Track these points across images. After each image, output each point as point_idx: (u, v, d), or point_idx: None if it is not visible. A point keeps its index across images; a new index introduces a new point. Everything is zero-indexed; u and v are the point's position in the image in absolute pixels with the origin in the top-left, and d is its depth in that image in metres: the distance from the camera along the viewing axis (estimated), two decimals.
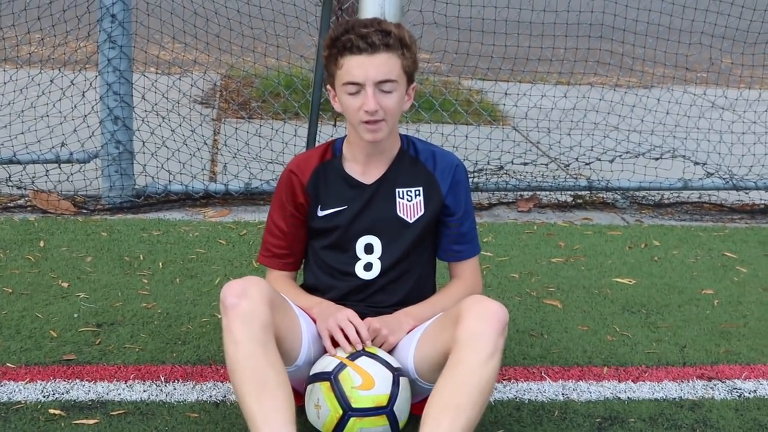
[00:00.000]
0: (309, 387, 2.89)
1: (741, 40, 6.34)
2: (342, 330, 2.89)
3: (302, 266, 3.29)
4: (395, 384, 2.83)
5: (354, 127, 2.98)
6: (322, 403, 2.81)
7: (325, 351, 2.97)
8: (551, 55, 6.31)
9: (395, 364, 2.89)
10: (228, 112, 7.20)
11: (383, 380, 2.82)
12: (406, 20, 5.67)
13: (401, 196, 3.10)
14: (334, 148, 3.14)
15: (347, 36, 2.87)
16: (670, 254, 4.94)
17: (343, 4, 5.80)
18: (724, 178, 5.90)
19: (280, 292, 3.00)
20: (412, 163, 3.12)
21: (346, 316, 2.93)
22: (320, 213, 3.10)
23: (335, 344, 2.91)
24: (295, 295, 3.10)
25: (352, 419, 2.79)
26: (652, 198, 5.92)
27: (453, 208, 3.12)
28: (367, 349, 2.90)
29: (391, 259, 3.09)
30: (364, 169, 3.10)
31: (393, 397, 2.82)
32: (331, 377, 2.82)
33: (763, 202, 5.92)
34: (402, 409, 2.85)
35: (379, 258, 3.09)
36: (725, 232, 5.39)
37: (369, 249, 3.10)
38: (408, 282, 3.13)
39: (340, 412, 2.79)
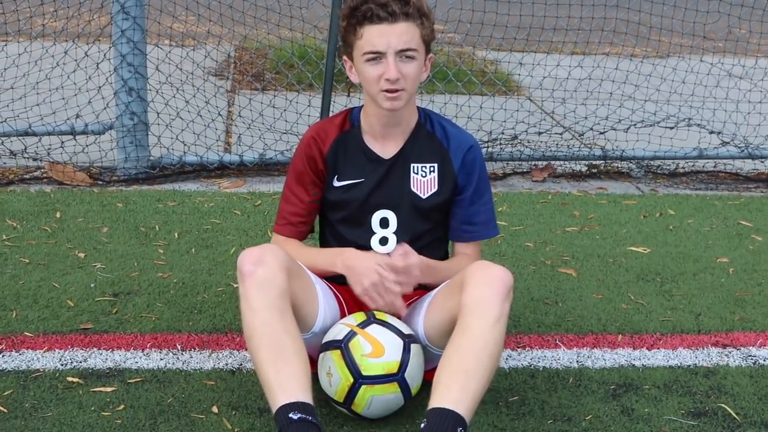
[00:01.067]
0: (321, 355, 2.90)
1: (760, 7, 6.28)
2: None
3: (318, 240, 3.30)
4: (406, 351, 2.84)
5: (373, 96, 2.95)
6: (333, 371, 2.83)
7: (341, 317, 2.99)
8: (566, 24, 6.24)
9: (406, 331, 2.90)
10: (242, 83, 7.20)
11: (394, 347, 2.83)
12: None
13: (416, 171, 3.09)
14: (352, 117, 3.13)
15: (367, 5, 2.84)
16: (685, 223, 4.93)
17: None
18: (739, 147, 5.87)
19: (296, 256, 2.99)
20: (428, 138, 3.11)
21: (377, 275, 2.88)
22: (336, 183, 3.09)
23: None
24: (311, 254, 3.10)
25: (363, 387, 2.80)
26: (668, 167, 5.90)
27: (463, 187, 3.10)
28: (377, 316, 2.91)
29: (407, 235, 3.08)
30: (382, 141, 3.09)
31: (404, 364, 2.83)
32: (341, 345, 2.83)
33: None
34: (414, 375, 2.86)
35: (394, 232, 3.09)
36: (740, 200, 5.38)
37: (384, 223, 3.10)
38: (423, 254, 3.09)
39: (351, 380, 2.80)
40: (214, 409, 2.96)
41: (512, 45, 6.53)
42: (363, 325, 2.89)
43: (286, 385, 2.61)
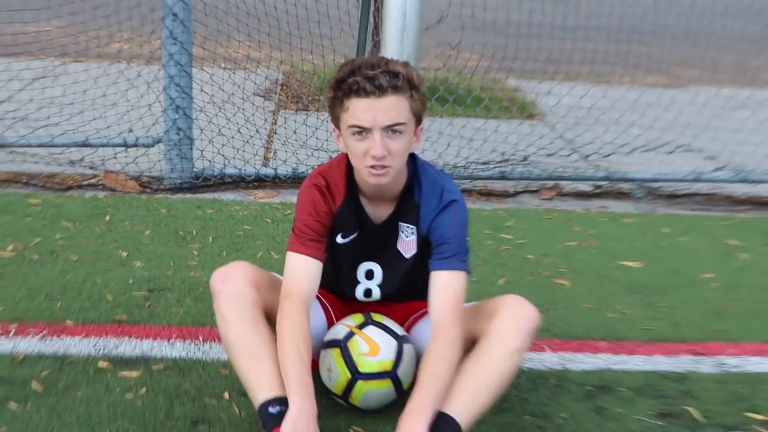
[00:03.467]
0: (322, 352, 2.94)
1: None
2: None
3: None
4: (399, 351, 2.89)
5: (359, 170, 2.72)
6: (333, 368, 2.89)
7: (327, 321, 3.04)
8: (581, 57, 6.27)
9: (401, 333, 2.93)
10: (285, 105, 7.29)
11: (388, 347, 2.88)
12: (447, 24, 5.73)
13: (402, 230, 2.91)
14: (350, 175, 2.87)
15: (353, 78, 2.57)
16: (677, 241, 4.93)
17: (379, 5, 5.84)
18: (733, 172, 5.85)
19: (284, 343, 2.69)
20: (411, 199, 2.87)
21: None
22: (340, 240, 2.95)
23: None
24: (294, 358, 2.65)
25: (359, 382, 2.86)
26: (667, 189, 5.89)
27: (432, 239, 2.86)
28: (374, 318, 2.96)
29: (391, 287, 3.03)
30: (375, 205, 2.89)
31: (397, 362, 2.88)
32: (341, 344, 2.89)
33: None
34: (406, 373, 2.90)
35: (378, 285, 3.03)
36: (732, 221, 5.36)
37: (369, 275, 3.02)
38: (402, 304, 3.09)
39: (349, 375, 2.86)
40: (225, 395, 3.03)
41: (531, 75, 6.57)
42: (361, 326, 2.93)
43: (263, 384, 2.64)
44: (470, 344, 2.76)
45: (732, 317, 3.95)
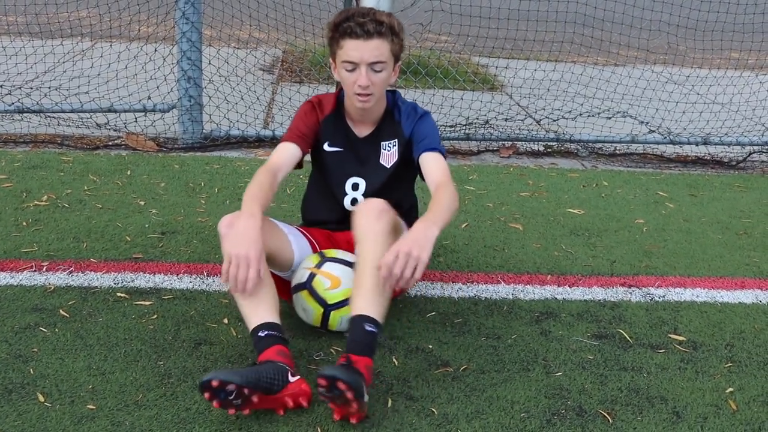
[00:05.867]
0: (294, 297, 2.89)
1: (692, 27, 6.19)
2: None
3: (301, 204, 3.26)
4: None
5: (349, 95, 2.93)
6: (306, 307, 2.84)
7: (312, 249, 2.99)
8: (533, 37, 6.16)
9: (352, 260, 2.86)
10: (285, 77, 7.17)
11: (346, 277, 2.82)
12: (419, 6, 5.63)
13: (384, 148, 3.06)
14: (338, 100, 3.08)
15: (347, 23, 2.78)
16: (615, 192, 4.88)
17: None
18: (663, 135, 5.79)
19: (249, 187, 2.80)
20: (391, 120, 3.07)
21: (245, 255, 2.55)
22: (327, 148, 3.06)
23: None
24: (252, 194, 2.77)
25: (332, 312, 2.83)
26: (607, 149, 5.83)
27: (413, 138, 3.03)
28: (328, 255, 2.89)
29: (371, 194, 3.02)
30: (359, 124, 3.06)
31: None
32: (307, 286, 2.84)
33: (694, 154, 5.81)
34: None
35: (363, 194, 3.06)
36: (661, 176, 5.31)
37: (355, 187, 3.08)
38: None
39: (321, 309, 2.82)
40: (225, 321, 2.99)
41: (491, 52, 6.47)
42: (319, 265, 2.86)
43: (255, 312, 2.61)
44: None
45: (659, 255, 3.92)
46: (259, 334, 2.57)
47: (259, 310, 2.61)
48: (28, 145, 5.08)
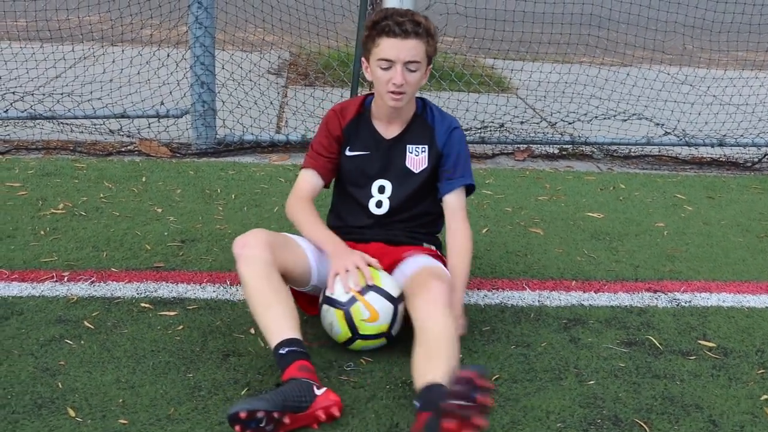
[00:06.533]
0: (325, 307, 2.81)
1: (707, 28, 6.16)
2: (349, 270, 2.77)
3: (328, 212, 3.21)
4: (395, 314, 2.79)
5: (381, 94, 2.91)
6: (335, 325, 2.79)
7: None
8: (547, 39, 6.13)
9: (396, 294, 2.81)
10: (295, 80, 7.15)
11: (386, 313, 2.77)
12: (434, 10, 5.60)
13: (411, 151, 3.03)
14: (366, 103, 3.07)
15: (386, 21, 2.79)
16: (633, 195, 4.86)
17: None
18: (678, 136, 5.76)
19: (301, 214, 2.97)
20: (422, 124, 3.05)
21: (354, 261, 2.78)
22: (348, 153, 3.04)
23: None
24: (313, 222, 2.96)
25: (358, 340, 2.79)
26: (622, 151, 5.80)
27: (446, 156, 3.04)
28: (375, 282, 2.79)
29: (398, 200, 3.03)
30: (386, 125, 3.04)
31: (392, 325, 2.80)
32: (345, 308, 2.76)
33: (709, 155, 5.78)
34: (398, 329, 2.84)
35: (388, 198, 3.03)
36: (678, 178, 5.28)
37: (381, 190, 3.04)
38: (414, 221, 3.06)
39: (350, 334, 2.78)
40: (252, 331, 2.95)
41: (506, 54, 6.44)
42: (363, 291, 2.76)
43: (275, 328, 2.59)
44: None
45: (682, 259, 3.89)
46: (280, 351, 2.54)
47: (278, 326, 2.59)
48: (40, 152, 5.06)
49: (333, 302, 2.79)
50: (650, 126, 5.93)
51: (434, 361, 2.49)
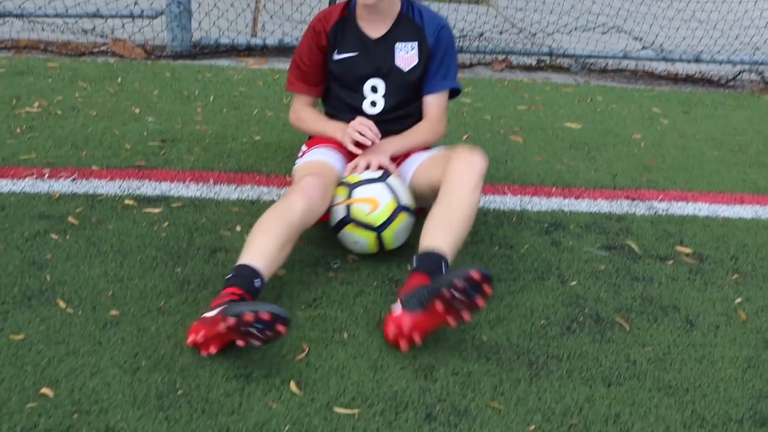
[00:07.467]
0: (340, 235, 2.79)
1: None
2: (360, 132, 2.83)
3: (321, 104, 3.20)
4: (389, 187, 2.77)
5: None
6: (357, 239, 2.76)
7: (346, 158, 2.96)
8: None
9: (378, 174, 2.81)
10: None
11: (381, 194, 2.75)
12: None
13: (400, 49, 2.99)
14: (350, 6, 3.02)
15: None
16: (610, 107, 4.87)
17: None
18: (656, 51, 5.76)
19: (305, 119, 3.05)
20: (409, 22, 3.00)
21: (359, 120, 2.86)
22: (336, 57, 3.00)
23: (360, 146, 2.85)
24: (317, 120, 3.07)
25: (383, 233, 2.75)
26: (600, 64, 5.80)
27: (434, 54, 3.00)
28: (352, 182, 2.78)
29: (393, 99, 3.00)
30: (372, 25, 2.99)
31: (396, 197, 2.77)
32: (349, 220, 2.74)
33: (684, 72, 5.80)
34: (404, 195, 2.80)
35: (383, 96, 3.01)
36: (653, 93, 5.30)
37: (374, 89, 3.01)
38: (407, 120, 3.04)
39: (373, 234, 2.75)
40: (237, 228, 2.96)
41: None
42: (350, 195, 2.75)
43: (256, 252, 2.45)
44: (434, 192, 2.70)
45: (658, 170, 3.94)
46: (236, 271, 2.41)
47: (259, 251, 2.45)
48: (9, 50, 4.92)
49: (339, 225, 2.77)
50: (629, 40, 5.91)
51: (444, 230, 2.55)
